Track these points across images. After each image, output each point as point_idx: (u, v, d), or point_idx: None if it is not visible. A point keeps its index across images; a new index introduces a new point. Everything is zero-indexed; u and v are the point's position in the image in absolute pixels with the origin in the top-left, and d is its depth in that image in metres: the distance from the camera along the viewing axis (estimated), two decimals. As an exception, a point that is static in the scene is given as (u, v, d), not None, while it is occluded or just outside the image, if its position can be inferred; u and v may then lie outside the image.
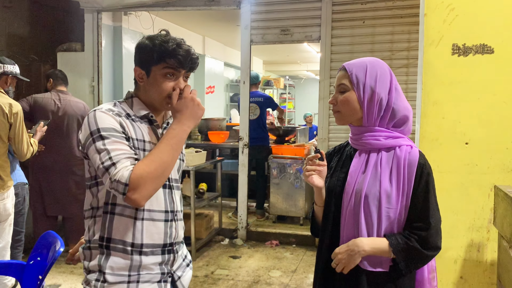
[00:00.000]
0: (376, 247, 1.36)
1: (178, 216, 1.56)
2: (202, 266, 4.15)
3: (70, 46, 5.22)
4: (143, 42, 1.47)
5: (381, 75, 1.41)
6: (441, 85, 2.30)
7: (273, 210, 5.25)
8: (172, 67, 1.42)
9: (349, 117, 1.44)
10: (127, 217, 1.43)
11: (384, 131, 1.41)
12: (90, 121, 1.38)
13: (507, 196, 1.92)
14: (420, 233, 1.36)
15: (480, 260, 2.32)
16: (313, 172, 1.45)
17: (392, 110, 1.40)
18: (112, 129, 1.36)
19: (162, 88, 1.44)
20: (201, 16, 6.23)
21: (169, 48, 1.41)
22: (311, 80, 13.84)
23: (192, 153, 4.40)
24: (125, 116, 1.44)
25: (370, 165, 1.40)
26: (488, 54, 2.24)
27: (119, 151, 1.33)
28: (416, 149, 1.41)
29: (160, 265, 1.49)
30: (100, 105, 1.49)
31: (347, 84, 1.42)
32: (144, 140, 1.45)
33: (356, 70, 1.41)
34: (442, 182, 2.33)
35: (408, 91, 4.28)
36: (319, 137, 4.78)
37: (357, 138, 1.45)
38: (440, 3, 2.28)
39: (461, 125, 2.29)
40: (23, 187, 3.28)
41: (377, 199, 1.36)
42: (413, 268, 1.39)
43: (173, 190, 1.54)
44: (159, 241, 1.48)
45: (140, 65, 1.47)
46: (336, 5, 4.50)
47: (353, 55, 4.45)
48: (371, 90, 1.39)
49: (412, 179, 1.36)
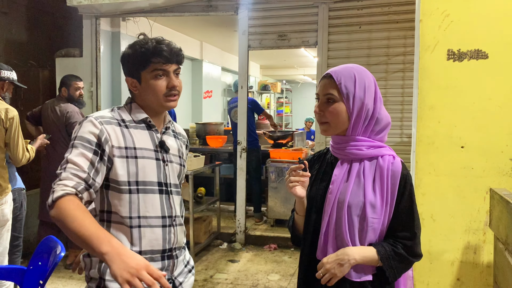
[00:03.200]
0: (366, 255, 1.35)
1: (177, 221, 1.55)
2: (201, 270, 4.17)
3: (68, 52, 5.24)
4: (126, 52, 1.49)
5: (369, 86, 1.38)
6: (437, 90, 2.34)
7: (271, 214, 5.27)
8: (159, 65, 1.44)
9: (336, 128, 1.41)
10: (123, 225, 1.43)
11: (366, 140, 1.39)
12: (76, 128, 1.43)
13: (502, 199, 1.95)
14: (406, 242, 1.37)
15: (476, 262, 2.35)
16: (296, 183, 1.42)
17: (376, 119, 1.39)
18: (85, 139, 1.38)
19: (157, 89, 1.45)
20: (199, 22, 6.27)
21: (150, 48, 1.43)
22: (308, 84, 13.91)
23: (191, 158, 4.42)
24: (116, 124, 1.45)
25: (352, 174, 1.39)
26: (482, 59, 2.28)
27: (75, 165, 1.33)
28: (398, 159, 1.40)
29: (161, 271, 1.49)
30: (97, 112, 1.53)
31: (336, 94, 1.37)
32: (134, 147, 1.44)
33: (345, 80, 1.37)
34: (439, 185, 2.37)
35: (404, 95, 4.33)
36: (316, 141, 4.81)
37: (339, 148, 1.42)
38: (435, 9, 2.32)
39: (457, 129, 2.33)
40: (20, 193, 3.28)
41: (360, 209, 1.35)
42: (399, 276, 1.38)
43: (171, 195, 1.53)
44: (158, 247, 1.47)
45: (130, 75, 1.49)
46: (333, 10, 4.55)
47: (349, 59, 4.49)
48: (361, 102, 1.36)
49: (395, 189, 1.36)
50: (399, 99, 4.36)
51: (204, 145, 6.02)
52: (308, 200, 1.48)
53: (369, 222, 1.35)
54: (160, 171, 1.50)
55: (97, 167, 1.38)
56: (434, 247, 2.39)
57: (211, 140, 5.81)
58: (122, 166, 1.42)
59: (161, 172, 1.50)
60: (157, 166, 1.49)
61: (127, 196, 1.43)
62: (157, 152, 1.51)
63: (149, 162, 1.47)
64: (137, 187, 1.44)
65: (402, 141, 4.32)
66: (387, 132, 1.44)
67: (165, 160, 1.53)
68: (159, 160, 1.50)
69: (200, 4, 4.79)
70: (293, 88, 14.09)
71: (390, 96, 4.36)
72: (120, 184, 1.42)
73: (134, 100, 1.54)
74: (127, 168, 1.42)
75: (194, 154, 4.62)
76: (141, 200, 1.44)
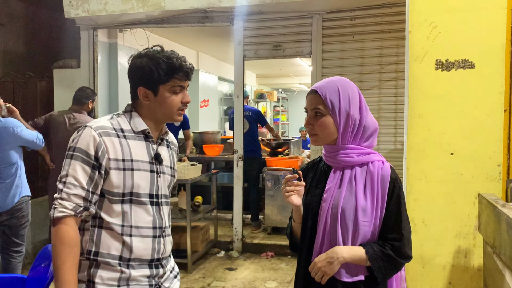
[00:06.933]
0: (354, 254, 1.42)
1: (166, 232, 1.59)
2: (199, 279, 4.20)
3: (66, 63, 5.30)
4: (143, 62, 1.49)
5: (353, 97, 1.46)
6: (426, 99, 2.41)
7: (268, 221, 5.31)
8: (180, 82, 1.50)
9: (326, 139, 1.49)
10: (114, 231, 1.46)
11: (356, 148, 1.47)
12: (75, 136, 1.46)
13: (490, 203, 2.02)
14: (394, 243, 1.43)
15: (467, 266, 2.41)
16: (292, 192, 1.49)
17: (364, 127, 1.48)
18: (84, 152, 1.42)
19: (173, 104, 1.51)
20: (195, 32, 6.35)
21: (176, 64, 1.48)
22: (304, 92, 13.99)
23: (188, 166, 4.47)
24: (115, 135, 1.47)
25: (345, 180, 1.46)
26: (469, 68, 2.36)
27: (75, 180, 1.40)
28: (387, 164, 1.48)
29: (148, 278, 1.52)
30: (97, 119, 1.54)
31: (322, 108, 1.47)
32: (131, 159, 1.47)
33: (330, 94, 1.46)
34: (429, 191, 2.43)
35: (397, 104, 4.41)
36: (312, 149, 4.88)
37: (331, 156, 1.50)
38: (423, 21, 2.40)
39: (446, 136, 2.40)
40: (28, 202, 3.38)
41: (353, 213, 1.42)
42: (387, 276, 1.44)
43: (161, 206, 1.57)
44: (147, 257, 1.51)
45: (145, 85, 1.49)
46: (326, 21, 4.64)
47: (343, 69, 4.57)
48: (346, 113, 1.45)
49: (385, 193, 1.44)
50: (392, 107, 4.44)
51: (201, 154, 6.06)
52: (304, 207, 1.55)
53: (360, 225, 1.42)
54: (153, 183, 1.53)
55: (96, 181, 1.43)
56: (426, 252, 2.44)
57: (208, 149, 5.86)
58: (118, 178, 1.45)
59: (154, 184, 1.53)
60: (151, 178, 1.52)
61: (120, 206, 1.47)
62: (152, 164, 1.53)
63: (144, 174, 1.50)
64: (131, 197, 1.48)
65: (396, 148, 4.39)
66: (376, 137, 1.52)
67: (158, 172, 1.55)
68: (153, 172, 1.53)
69: (196, 15, 4.87)
70: (289, 96, 14.19)
71: (384, 104, 4.44)
72: (114, 195, 1.46)
73: (135, 109, 1.55)
74: (123, 180, 1.45)
75: (191, 163, 4.67)
76: (133, 210, 1.48)
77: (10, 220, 3.26)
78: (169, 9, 4.58)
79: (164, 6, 4.56)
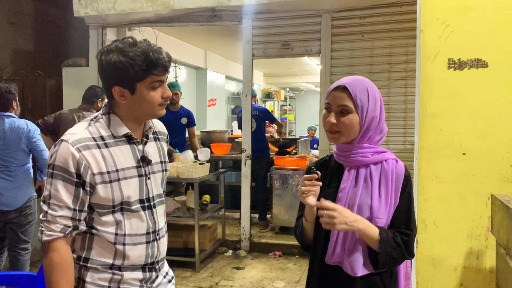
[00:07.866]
0: (369, 228, 1.40)
1: (160, 234, 1.53)
2: (207, 277, 4.20)
3: (75, 61, 5.33)
4: (115, 59, 1.35)
5: (378, 98, 1.47)
6: (438, 98, 2.38)
7: (275, 221, 5.30)
8: (158, 77, 1.38)
9: (347, 138, 1.46)
10: (107, 241, 1.42)
11: (371, 147, 1.47)
12: (52, 151, 1.36)
13: (503, 204, 1.99)
14: (403, 237, 1.45)
15: (479, 267, 2.38)
16: (310, 193, 1.47)
17: (380, 130, 1.49)
18: (65, 170, 1.33)
19: (154, 101, 1.40)
20: (203, 31, 6.35)
21: (153, 59, 1.35)
22: (311, 92, 13.97)
23: (196, 165, 4.47)
24: (95, 146, 1.37)
25: (360, 179, 1.46)
26: (482, 68, 2.33)
27: (59, 202, 1.33)
28: (401, 163, 1.48)
29: (141, 282, 1.48)
30: (72, 129, 1.40)
31: (351, 106, 1.43)
32: (117, 169, 1.39)
33: (360, 93, 1.43)
34: (441, 192, 2.40)
35: (407, 103, 4.38)
36: (320, 148, 4.86)
37: (345, 155, 1.48)
38: (436, 19, 2.38)
39: (458, 136, 2.37)
40: (35, 201, 3.45)
41: (369, 211, 1.43)
42: (388, 264, 1.42)
43: (154, 209, 1.51)
44: (140, 263, 1.47)
45: (120, 84, 1.37)
46: (335, 20, 4.62)
47: (352, 68, 4.55)
48: (372, 114, 1.44)
49: (399, 191, 1.44)
50: (401, 107, 4.41)
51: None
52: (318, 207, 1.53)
53: (373, 223, 1.43)
54: (143, 187, 1.47)
55: (82, 199, 1.36)
56: (437, 253, 2.42)
57: (215, 148, 5.86)
58: (105, 191, 1.38)
59: (143, 189, 1.47)
60: (139, 183, 1.46)
61: (111, 216, 1.42)
62: (140, 167, 1.46)
63: (132, 181, 1.43)
64: (122, 206, 1.43)
65: (406, 148, 4.35)
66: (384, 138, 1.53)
67: (147, 174, 1.48)
68: (142, 176, 1.47)
69: (204, 14, 4.87)
70: (297, 95, 14.16)
71: (393, 103, 4.41)
72: (104, 207, 1.41)
73: (112, 110, 1.44)
74: (111, 193, 1.39)
75: (199, 162, 4.67)
76: (126, 219, 1.44)
77: (19, 218, 3.32)
78: (178, 7, 4.59)
79: (173, 5, 4.56)
